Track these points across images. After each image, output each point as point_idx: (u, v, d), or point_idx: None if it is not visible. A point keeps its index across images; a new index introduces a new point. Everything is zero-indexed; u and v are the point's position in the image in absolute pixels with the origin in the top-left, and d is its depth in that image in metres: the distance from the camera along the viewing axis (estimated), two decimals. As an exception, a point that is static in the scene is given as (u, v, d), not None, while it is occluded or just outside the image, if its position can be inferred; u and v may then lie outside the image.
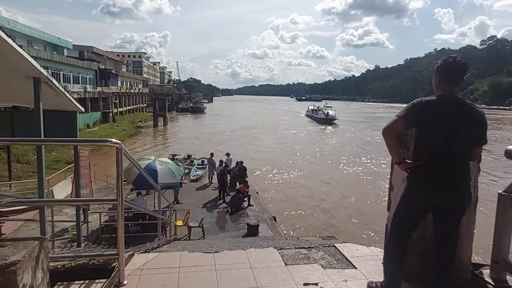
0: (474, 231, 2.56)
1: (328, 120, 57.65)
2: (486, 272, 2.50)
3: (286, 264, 2.93)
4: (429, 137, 2.11)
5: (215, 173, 15.44)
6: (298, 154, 29.55)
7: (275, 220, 11.93)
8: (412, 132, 2.26)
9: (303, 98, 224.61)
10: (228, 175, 14.95)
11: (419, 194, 2.19)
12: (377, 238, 12.06)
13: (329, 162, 26.72)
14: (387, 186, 2.81)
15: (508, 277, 2.40)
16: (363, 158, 27.72)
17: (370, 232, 13.04)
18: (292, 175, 21.99)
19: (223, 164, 15.02)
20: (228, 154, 16.82)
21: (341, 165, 25.51)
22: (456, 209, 2.20)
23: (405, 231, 2.32)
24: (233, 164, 15.93)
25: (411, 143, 2.29)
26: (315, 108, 71.23)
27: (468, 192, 2.22)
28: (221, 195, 13.87)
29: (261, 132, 44.97)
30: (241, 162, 15.70)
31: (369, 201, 16.46)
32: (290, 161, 26.26)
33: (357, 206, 15.98)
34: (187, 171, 19.33)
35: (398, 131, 2.10)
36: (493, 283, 2.39)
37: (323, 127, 54.45)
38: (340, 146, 34.83)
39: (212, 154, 17.17)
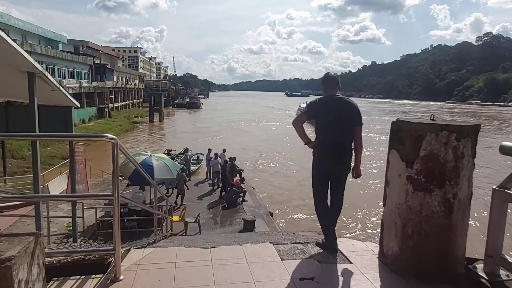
0: (468, 226, 2.58)
1: None
2: (480, 266, 2.53)
3: (282, 259, 2.94)
4: (323, 124, 3.12)
5: (211, 168, 15.47)
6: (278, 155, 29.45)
7: (271, 216, 11.97)
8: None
9: (293, 93, 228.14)
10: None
11: (321, 163, 3.11)
12: (373, 232, 12.15)
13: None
14: (383, 182, 2.82)
15: (501, 272, 2.43)
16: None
17: (365, 227, 13.13)
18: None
19: (219, 159, 15.05)
20: (224, 150, 16.82)
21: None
22: (341, 175, 3.15)
23: (321, 193, 3.22)
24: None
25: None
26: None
27: (348, 164, 3.11)
28: (222, 192, 13.84)
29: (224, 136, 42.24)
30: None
31: (365, 197, 16.53)
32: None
33: (353, 202, 16.02)
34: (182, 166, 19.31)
35: (303, 122, 3.13)
36: (486, 278, 2.41)
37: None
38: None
39: (210, 150, 17.13)
